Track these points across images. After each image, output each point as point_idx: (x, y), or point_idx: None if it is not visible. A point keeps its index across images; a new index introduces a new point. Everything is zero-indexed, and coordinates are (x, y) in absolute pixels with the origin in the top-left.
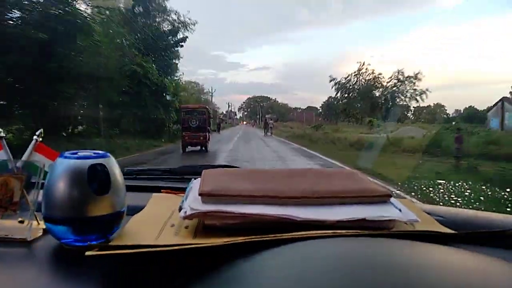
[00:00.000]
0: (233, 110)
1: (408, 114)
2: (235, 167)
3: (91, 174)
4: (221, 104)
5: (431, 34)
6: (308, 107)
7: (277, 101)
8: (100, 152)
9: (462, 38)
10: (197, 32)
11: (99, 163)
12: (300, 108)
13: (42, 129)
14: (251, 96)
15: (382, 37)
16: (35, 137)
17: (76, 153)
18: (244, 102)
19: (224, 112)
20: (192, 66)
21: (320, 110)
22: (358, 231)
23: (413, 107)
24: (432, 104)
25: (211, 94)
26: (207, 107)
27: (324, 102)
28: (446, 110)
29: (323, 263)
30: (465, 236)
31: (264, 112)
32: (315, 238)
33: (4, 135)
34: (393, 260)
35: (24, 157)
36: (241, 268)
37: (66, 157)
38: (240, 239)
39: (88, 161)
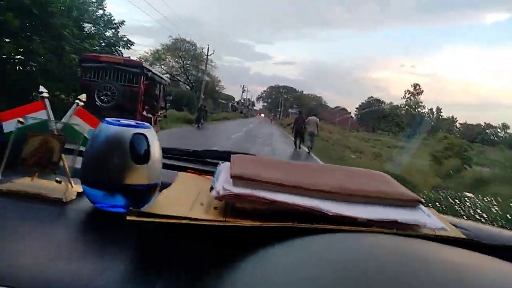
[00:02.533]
0: (250, 98)
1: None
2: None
3: (133, 143)
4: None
5: (466, 52)
6: (337, 107)
7: (305, 94)
8: (141, 122)
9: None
10: (226, 18)
11: (142, 133)
12: (338, 106)
13: (84, 94)
14: (273, 85)
15: (414, 48)
16: (76, 101)
17: (119, 121)
18: (264, 91)
19: (240, 100)
20: (218, 51)
21: (356, 113)
22: (392, 231)
23: (459, 123)
24: (483, 124)
25: (206, 56)
26: (144, 65)
27: (361, 104)
28: (499, 132)
29: (356, 257)
30: (493, 247)
31: (288, 105)
32: (347, 231)
33: (48, 95)
34: (427, 261)
35: (64, 119)
36: (271, 253)
37: (109, 123)
38: (273, 223)
39: (132, 130)
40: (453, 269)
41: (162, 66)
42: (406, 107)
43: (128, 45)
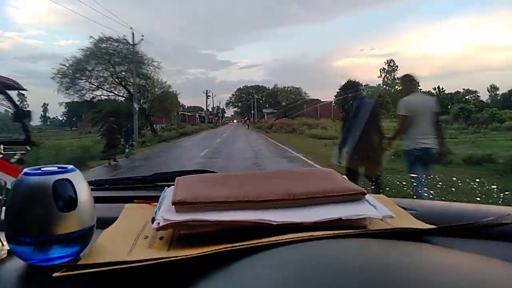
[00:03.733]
0: (219, 106)
1: None
2: (211, 171)
3: (56, 190)
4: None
5: (419, 27)
6: (311, 99)
7: (281, 87)
8: (66, 166)
9: (450, 30)
10: (185, 31)
11: (65, 178)
12: (317, 99)
13: (1, 145)
14: (241, 87)
15: (371, 31)
16: None
17: (39, 169)
18: (233, 95)
19: (207, 109)
20: (181, 66)
21: (334, 104)
22: (335, 231)
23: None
24: (462, 90)
25: (132, 45)
26: None
27: (338, 92)
28: (479, 96)
29: (301, 268)
30: (439, 230)
31: (261, 106)
32: (291, 242)
33: None
34: (369, 260)
35: None
36: (218, 279)
37: (28, 174)
38: (214, 249)
39: (52, 177)
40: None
41: (91, 80)
42: (384, 86)
43: None
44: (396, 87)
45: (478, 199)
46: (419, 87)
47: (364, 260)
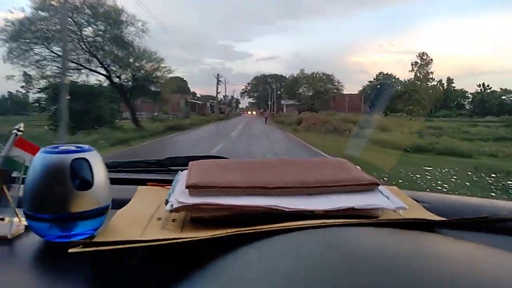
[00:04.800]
0: (233, 96)
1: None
2: (223, 157)
3: (73, 169)
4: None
5: (441, 25)
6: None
7: (310, 74)
8: (83, 145)
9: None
10: (202, 21)
11: (82, 157)
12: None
13: (22, 123)
14: (259, 75)
15: (392, 28)
16: (14, 131)
17: (57, 147)
18: (249, 83)
19: (217, 98)
20: (198, 55)
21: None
22: (347, 220)
23: (470, 94)
24: (499, 90)
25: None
26: None
27: (368, 83)
28: None
29: (312, 254)
30: (451, 222)
31: (280, 97)
32: (303, 228)
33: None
34: (380, 249)
35: (3, 153)
36: (229, 262)
37: (46, 152)
38: (226, 231)
39: (70, 156)
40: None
41: (50, 46)
42: (417, 81)
43: None
44: (430, 82)
45: (493, 194)
46: (454, 86)
47: (375, 248)
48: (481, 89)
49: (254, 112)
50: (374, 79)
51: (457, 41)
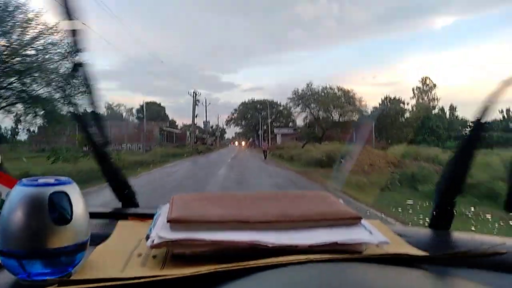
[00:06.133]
0: (218, 125)
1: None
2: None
3: (52, 203)
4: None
5: (423, 57)
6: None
7: (320, 89)
8: (62, 178)
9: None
10: (190, 53)
11: (61, 190)
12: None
13: (0, 156)
14: (246, 100)
15: (374, 60)
16: None
17: (36, 180)
18: (235, 110)
19: (192, 127)
20: (185, 86)
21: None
22: (330, 255)
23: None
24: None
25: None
26: None
27: (373, 109)
28: None
29: None
30: (433, 257)
31: (268, 125)
32: (286, 264)
33: None
34: (364, 285)
35: None
36: None
37: (24, 185)
38: (208, 269)
39: (49, 189)
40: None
41: None
42: (419, 108)
43: None
44: (437, 110)
45: (473, 228)
46: (457, 114)
47: (358, 284)
48: (503, 115)
49: (243, 143)
50: (380, 104)
51: (437, 72)
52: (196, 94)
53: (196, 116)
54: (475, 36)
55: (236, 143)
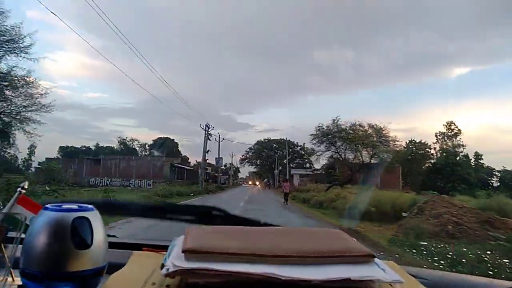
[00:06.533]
0: (232, 163)
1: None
2: (222, 210)
3: (74, 228)
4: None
5: (438, 105)
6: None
7: (350, 125)
8: (85, 205)
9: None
10: (207, 93)
11: (83, 216)
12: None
13: (27, 181)
14: (262, 139)
15: (389, 106)
16: (18, 189)
17: (60, 206)
18: (250, 149)
19: (202, 162)
20: (202, 125)
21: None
22: None
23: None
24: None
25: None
26: None
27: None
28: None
29: None
30: None
31: (284, 165)
32: None
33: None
34: None
35: (5, 210)
36: None
37: (49, 209)
38: None
39: (72, 214)
40: None
41: None
42: (444, 153)
43: None
44: (461, 156)
45: (491, 272)
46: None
47: None
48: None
49: (257, 183)
50: (405, 147)
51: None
52: (208, 128)
53: (208, 152)
54: (490, 86)
55: (250, 182)
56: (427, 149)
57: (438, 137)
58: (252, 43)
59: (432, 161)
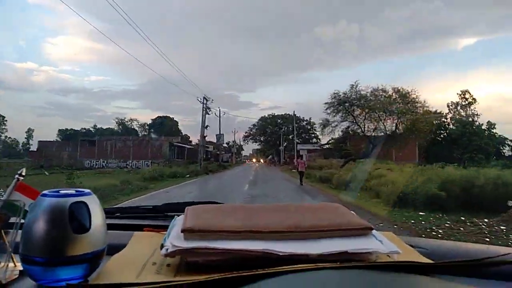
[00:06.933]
0: (235, 141)
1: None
2: (220, 203)
3: (72, 212)
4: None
5: (446, 75)
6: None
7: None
8: (82, 190)
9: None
10: (210, 73)
11: (81, 201)
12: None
13: (24, 168)
14: (266, 115)
15: (392, 78)
16: (16, 176)
17: (57, 192)
18: (253, 126)
19: (201, 140)
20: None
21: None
22: (339, 264)
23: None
24: None
25: None
26: None
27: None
28: None
29: None
30: (442, 265)
31: (287, 141)
32: (297, 271)
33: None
34: None
35: (4, 196)
36: None
37: (46, 196)
38: (220, 275)
39: (69, 199)
40: None
41: None
42: (458, 123)
43: None
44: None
45: (487, 239)
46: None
47: None
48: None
49: (261, 160)
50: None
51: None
52: (207, 100)
53: (207, 127)
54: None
55: (254, 160)
56: (443, 119)
57: (450, 107)
58: (251, 21)
59: (447, 132)
